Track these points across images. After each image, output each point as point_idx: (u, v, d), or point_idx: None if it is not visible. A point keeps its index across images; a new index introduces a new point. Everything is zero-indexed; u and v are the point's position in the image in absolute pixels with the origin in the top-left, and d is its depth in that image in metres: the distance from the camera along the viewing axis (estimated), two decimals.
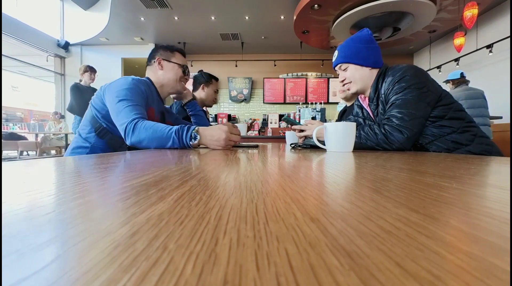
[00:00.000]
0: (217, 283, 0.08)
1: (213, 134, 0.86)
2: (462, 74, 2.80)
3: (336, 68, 1.14)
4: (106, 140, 1.05)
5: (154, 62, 1.15)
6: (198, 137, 0.86)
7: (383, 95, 1.00)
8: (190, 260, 0.09)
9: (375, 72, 1.05)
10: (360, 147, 0.93)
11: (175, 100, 1.63)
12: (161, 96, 1.20)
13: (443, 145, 0.93)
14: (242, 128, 2.17)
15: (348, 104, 1.77)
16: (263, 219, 0.14)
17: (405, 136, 0.88)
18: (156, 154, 0.65)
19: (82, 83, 3.21)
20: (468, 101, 2.69)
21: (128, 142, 0.90)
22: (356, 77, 1.07)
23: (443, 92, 0.97)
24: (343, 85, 1.12)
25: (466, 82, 2.82)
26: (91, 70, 3.23)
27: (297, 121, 1.23)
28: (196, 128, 0.87)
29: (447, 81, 2.92)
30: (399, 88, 0.94)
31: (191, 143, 0.85)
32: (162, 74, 1.16)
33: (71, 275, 0.08)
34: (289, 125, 1.26)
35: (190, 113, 1.54)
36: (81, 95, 3.09)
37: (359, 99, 1.21)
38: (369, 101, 1.10)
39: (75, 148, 1.05)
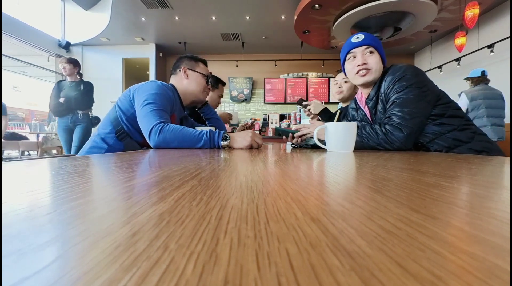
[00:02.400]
0: (218, 283, 0.08)
1: (240, 135, 0.97)
2: (483, 72, 2.79)
3: (357, 50, 1.02)
4: (125, 143, 1.07)
5: (180, 71, 1.20)
6: (229, 138, 0.94)
7: (383, 94, 0.99)
8: (191, 260, 0.09)
9: (381, 71, 1.04)
10: (361, 147, 0.93)
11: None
12: (183, 104, 1.23)
13: (444, 143, 0.93)
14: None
15: (344, 105, 1.75)
16: (263, 219, 0.14)
17: (405, 134, 0.88)
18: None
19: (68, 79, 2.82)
20: (486, 100, 2.68)
21: (152, 144, 0.95)
22: (378, 67, 1.02)
23: (441, 92, 0.98)
24: (361, 69, 1.01)
25: (486, 81, 2.82)
26: (62, 61, 2.74)
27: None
28: (225, 131, 0.98)
29: (467, 79, 2.91)
30: (399, 87, 0.93)
31: (222, 143, 0.93)
32: (187, 83, 1.20)
33: (72, 274, 0.08)
34: (283, 137, 1.22)
35: (205, 117, 1.53)
36: (56, 93, 2.73)
37: (356, 98, 1.19)
38: (367, 98, 1.08)
39: (92, 147, 1.06)
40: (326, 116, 1.74)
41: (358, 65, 1.02)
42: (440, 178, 0.28)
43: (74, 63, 2.79)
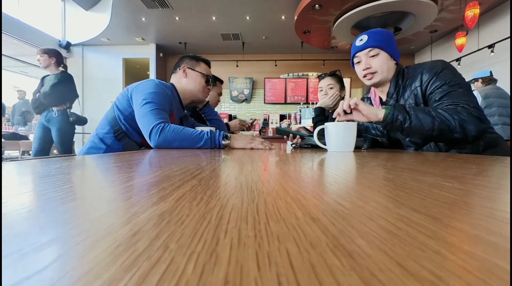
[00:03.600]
0: (218, 283, 0.08)
1: (240, 135, 0.98)
2: (491, 72, 2.81)
3: (361, 54, 1.00)
4: (123, 143, 1.07)
5: (179, 69, 1.20)
6: (229, 137, 0.95)
7: (418, 88, 0.92)
8: (191, 260, 0.09)
9: (394, 68, 1.00)
10: (421, 129, 0.80)
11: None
12: (182, 103, 1.23)
13: (477, 145, 0.86)
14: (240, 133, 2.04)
15: (327, 108, 1.71)
16: (264, 219, 0.14)
17: (484, 126, 0.80)
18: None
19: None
20: (498, 99, 2.69)
21: (153, 144, 0.94)
22: (384, 68, 0.97)
23: None
24: (366, 73, 0.99)
25: (494, 81, 2.83)
26: (38, 53, 2.43)
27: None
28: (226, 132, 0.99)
29: (475, 80, 2.91)
30: (449, 78, 0.86)
31: (223, 142, 0.94)
32: (186, 81, 1.20)
33: (73, 274, 0.08)
34: (284, 137, 1.23)
35: (206, 117, 1.51)
36: (37, 89, 2.49)
37: (370, 98, 1.14)
38: (387, 96, 1.02)
39: (90, 148, 1.06)
40: (321, 115, 1.70)
41: (364, 70, 1.01)
42: (440, 178, 0.28)
43: (49, 53, 2.41)
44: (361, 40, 1.00)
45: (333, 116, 0.90)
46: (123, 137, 1.06)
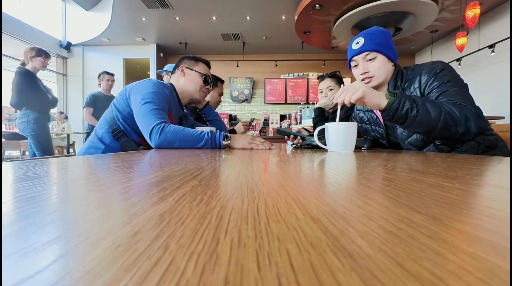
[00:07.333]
0: (218, 283, 0.08)
1: (241, 135, 0.99)
2: None
3: (358, 58, 0.98)
4: (121, 142, 1.07)
5: (177, 69, 1.21)
6: (230, 138, 0.95)
7: (417, 89, 0.91)
8: (191, 260, 0.09)
9: (392, 70, 0.98)
10: (426, 118, 0.77)
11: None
12: (181, 103, 1.23)
13: (476, 146, 0.86)
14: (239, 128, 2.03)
15: (326, 109, 1.69)
16: (264, 219, 0.14)
17: (483, 123, 0.80)
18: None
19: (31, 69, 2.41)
20: None
21: (153, 144, 0.94)
22: (382, 71, 0.95)
23: None
24: (364, 77, 0.97)
25: None
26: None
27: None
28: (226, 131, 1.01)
29: None
30: (450, 79, 0.86)
31: (223, 142, 0.94)
32: (183, 81, 1.20)
33: (74, 274, 0.08)
34: (285, 137, 1.23)
35: (206, 118, 1.51)
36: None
37: None
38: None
39: (89, 148, 1.07)
40: (321, 115, 1.70)
41: (362, 74, 0.99)
42: (440, 179, 0.28)
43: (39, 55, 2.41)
44: (358, 43, 0.98)
45: (334, 102, 0.85)
46: (121, 136, 1.06)
